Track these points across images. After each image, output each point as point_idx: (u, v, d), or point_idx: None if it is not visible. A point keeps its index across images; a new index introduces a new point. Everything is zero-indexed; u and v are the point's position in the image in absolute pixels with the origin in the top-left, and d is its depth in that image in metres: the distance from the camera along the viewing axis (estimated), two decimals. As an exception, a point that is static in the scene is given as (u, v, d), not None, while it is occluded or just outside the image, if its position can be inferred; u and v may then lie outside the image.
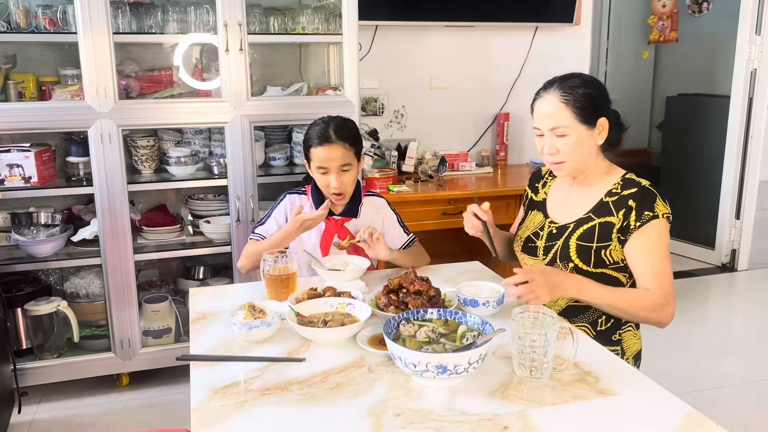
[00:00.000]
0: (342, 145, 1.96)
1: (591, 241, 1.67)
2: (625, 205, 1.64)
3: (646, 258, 1.62)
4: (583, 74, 1.70)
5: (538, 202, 1.88)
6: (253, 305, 1.55)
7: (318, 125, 2.01)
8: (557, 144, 1.64)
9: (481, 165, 3.70)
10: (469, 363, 1.21)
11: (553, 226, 1.77)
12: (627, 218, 1.63)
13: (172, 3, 2.70)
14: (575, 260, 1.68)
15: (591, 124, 1.64)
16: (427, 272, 1.81)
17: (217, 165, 2.83)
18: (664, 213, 1.62)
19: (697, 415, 1.16)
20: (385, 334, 1.29)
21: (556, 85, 1.64)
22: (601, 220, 1.67)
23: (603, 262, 1.67)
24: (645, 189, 1.65)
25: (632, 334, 1.76)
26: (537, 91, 1.70)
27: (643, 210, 1.62)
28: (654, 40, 4.88)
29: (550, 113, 1.64)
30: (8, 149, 2.52)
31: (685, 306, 3.65)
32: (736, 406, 2.64)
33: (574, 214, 1.73)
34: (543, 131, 1.66)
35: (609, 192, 1.69)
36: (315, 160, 1.98)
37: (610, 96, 1.70)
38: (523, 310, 1.31)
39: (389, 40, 3.51)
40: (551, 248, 1.74)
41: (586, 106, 1.62)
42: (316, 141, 1.97)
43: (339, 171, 1.97)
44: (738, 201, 4.22)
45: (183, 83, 2.82)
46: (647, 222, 1.61)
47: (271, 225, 2.08)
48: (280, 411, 1.19)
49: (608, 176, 1.72)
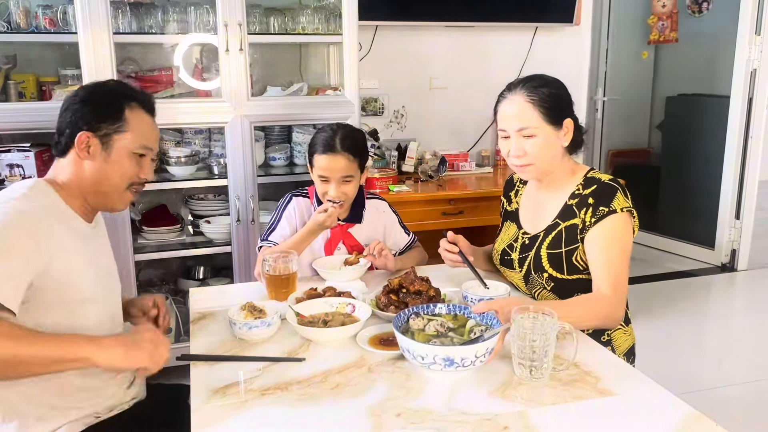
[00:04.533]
0: (346, 156, 1.92)
1: (559, 247, 1.65)
2: (585, 204, 1.62)
3: (601, 255, 1.58)
4: (545, 75, 1.67)
5: (511, 212, 1.86)
6: (253, 305, 1.56)
7: (325, 132, 1.97)
8: (524, 146, 1.62)
9: (481, 165, 3.70)
10: (476, 356, 1.22)
11: (525, 237, 1.75)
12: (585, 216, 1.62)
13: (172, 3, 2.70)
14: (549, 270, 1.66)
15: (558, 125, 1.62)
16: (427, 272, 1.81)
17: (217, 165, 2.83)
18: (623, 207, 1.58)
19: (697, 415, 1.16)
20: (395, 327, 1.31)
21: (521, 86, 1.62)
22: (566, 224, 1.66)
23: (576, 267, 1.65)
24: (604, 185, 1.63)
25: (622, 332, 1.73)
26: (501, 92, 1.68)
27: (599, 206, 1.59)
28: (654, 40, 4.88)
29: (516, 114, 1.61)
30: (8, 149, 2.53)
31: (685, 306, 3.66)
32: (736, 406, 2.63)
33: (543, 222, 1.72)
34: (509, 133, 1.63)
35: (572, 194, 1.67)
36: (317, 167, 1.95)
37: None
38: (523, 310, 1.31)
39: (389, 40, 3.51)
40: (525, 260, 1.72)
41: (552, 106, 1.60)
42: (320, 149, 1.94)
43: (340, 181, 1.93)
44: (738, 201, 4.21)
45: (183, 83, 2.82)
46: (603, 217, 1.58)
47: (284, 228, 2.02)
48: (280, 411, 1.19)
49: (573, 177, 1.70)
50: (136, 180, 1.49)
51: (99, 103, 1.44)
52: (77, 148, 1.41)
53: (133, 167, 1.47)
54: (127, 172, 1.46)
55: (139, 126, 1.46)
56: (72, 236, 1.39)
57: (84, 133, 1.41)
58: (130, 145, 1.45)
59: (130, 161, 1.46)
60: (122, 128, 1.44)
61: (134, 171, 1.47)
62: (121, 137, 1.44)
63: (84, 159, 1.43)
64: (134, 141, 1.45)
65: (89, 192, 1.46)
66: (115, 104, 1.44)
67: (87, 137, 1.41)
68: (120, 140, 1.44)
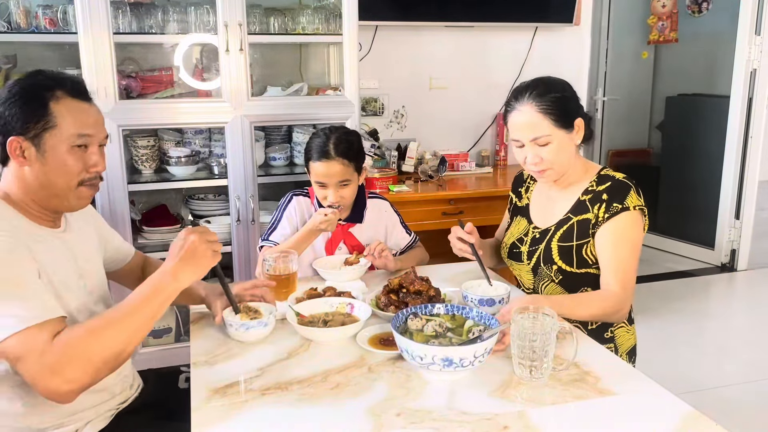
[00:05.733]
0: (341, 162, 1.92)
1: (571, 240, 1.68)
2: (599, 199, 1.65)
3: (612, 251, 1.62)
4: (550, 78, 1.68)
5: (522, 207, 1.88)
6: (248, 306, 1.55)
7: (319, 137, 1.97)
8: (540, 153, 1.63)
9: (481, 165, 3.70)
10: (475, 356, 1.22)
11: (536, 231, 1.77)
12: (599, 211, 1.64)
13: (172, 3, 2.71)
14: (558, 262, 1.69)
15: (569, 128, 1.64)
16: (427, 272, 1.81)
17: (217, 165, 2.83)
18: (636, 205, 1.61)
19: (697, 414, 1.16)
20: (393, 327, 1.31)
21: (528, 95, 1.62)
22: (578, 218, 1.68)
23: (585, 261, 1.67)
24: (619, 182, 1.66)
25: (625, 330, 1.75)
26: (507, 101, 1.68)
27: (613, 202, 1.62)
28: (654, 40, 4.88)
29: (528, 124, 1.62)
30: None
31: (685, 306, 3.66)
32: (736, 406, 2.63)
33: (554, 216, 1.74)
34: (523, 142, 1.65)
35: (585, 190, 1.70)
36: (314, 174, 1.96)
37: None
38: (523, 310, 1.31)
39: (389, 40, 3.51)
40: (534, 252, 1.74)
41: (562, 111, 1.61)
42: (315, 156, 1.94)
43: (337, 186, 1.94)
44: (737, 201, 4.21)
45: (183, 83, 2.82)
46: (616, 214, 1.61)
47: (285, 227, 2.02)
48: (280, 411, 1.19)
49: (585, 174, 1.72)
50: (85, 175, 1.36)
51: (20, 102, 1.29)
52: (12, 155, 1.31)
53: (76, 163, 1.33)
54: (71, 170, 1.33)
55: (69, 115, 1.32)
56: (45, 250, 1.32)
57: (14, 138, 1.29)
58: (64, 139, 1.31)
59: (71, 156, 1.32)
60: (50, 123, 1.30)
61: (79, 166, 1.34)
62: (53, 134, 1.30)
63: (23, 166, 1.31)
64: (68, 133, 1.31)
65: (40, 198, 1.35)
66: (37, 99, 1.30)
67: (18, 142, 1.29)
68: (52, 137, 1.30)
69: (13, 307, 1.16)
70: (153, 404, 1.55)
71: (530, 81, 1.67)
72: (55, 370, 1.13)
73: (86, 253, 1.48)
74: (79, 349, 1.16)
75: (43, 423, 1.34)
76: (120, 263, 1.71)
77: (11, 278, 1.19)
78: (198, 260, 1.31)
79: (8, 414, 1.31)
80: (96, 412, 1.43)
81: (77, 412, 1.38)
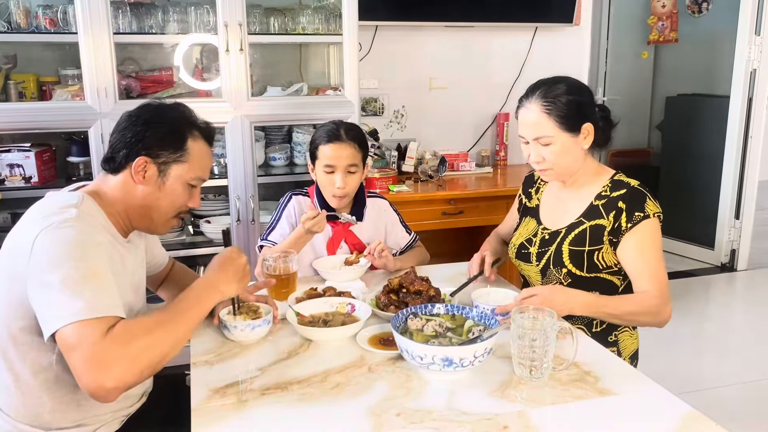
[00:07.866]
0: (351, 145, 1.95)
1: (583, 245, 1.67)
2: (614, 207, 1.63)
3: (642, 259, 1.61)
4: (567, 79, 1.66)
5: (532, 208, 1.87)
6: (248, 305, 1.55)
7: (327, 125, 2.00)
8: (542, 152, 1.63)
9: (481, 165, 3.70)
10: (475, 356, 1.22)
11: (545, 233, 1.76)
12: (618, 220, 1.62)
13: (172, 3, 2.71)
14: (568, 265, 1.67)
15: (575, 132, 1.62)
16: (427, 272, 1.81)
17: (217, 165, 2.83)
18: (655, 212, 1.61)
19: (696, 414, 1.16)
20: (393, 327, 1.31)
21: (538, 93, 1.61)
22: (591, 223, 1.67)
23: (596, 266, 1.66)
24: (634, 189, 1.65)
25: (628, 334, 1.75)
26: (520, 97, 1.68)
27: (634, 211, 1.61)
28: (653, 40, 4.88)
29: (532, 123, 1.62)
30: (9, 149, 2.53)
31: (684, 306, 3.66)
32: (736, 406, 2.64)
33: (565, 219, 1.73)
34: (528, 139, 1.65)
35: (598, 195, 1.68)
36: (322, 158, 1.96)
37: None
38: (523, 310, 1.31)
39: (389, 40, 3.51)
40: (544, 254, 1.73)
41: (569, 114, 1.60)
42: (326, 138, 1.96)
43: (345, 171, 1.95)
44: (737, 201, 4.22)
45: (183, 83, 2.82)
46: (639, 222, 1.60)
47: (284, 227, 2.02)
48: (280, 411, 1.19)
49: (598, 177, 1.71)
50: (184, 209, 1.48)
51: (164, 130, 1.40)
52: (133, 171, 1.38)
53: (184, 196, 1.46)
54: (177, 201, 1.45)
55: (198, 157, 1.44)
56: (116, 253, 1.38)
57: (143, 158, 1.37)
58: (186, 175, 1.43)
59: (183, 190, 1.44)
60: (182, 158, 1.41)
61: (185, 200, 1.46)
62: (180, 167, 1.41)
63: (138, 183, 1.39)
64: (191, 172, 1.43)
65: (135, 214, 1.43)
66: (180, 133, 1.41)
67: (145, 162, 1.38)
68: (178, 169, 1.41)
69: (86, 292, 1.17)
70: (161, 408, 1.56)
71: (547, 78, 1.66)
72: (106, 366, 1.13)
73: (137, 268, 1.54)
74: (130, 347, 1.15)
75: (65, 421, 1.35)
76: (156, 269, 1.75)
77: (91, 266, 1.22)
78: (243, 278, 1.44)
79: (34, 409, 1.33)
80: (114, 416, 1.44)
81: (99, 414, 1.40)
